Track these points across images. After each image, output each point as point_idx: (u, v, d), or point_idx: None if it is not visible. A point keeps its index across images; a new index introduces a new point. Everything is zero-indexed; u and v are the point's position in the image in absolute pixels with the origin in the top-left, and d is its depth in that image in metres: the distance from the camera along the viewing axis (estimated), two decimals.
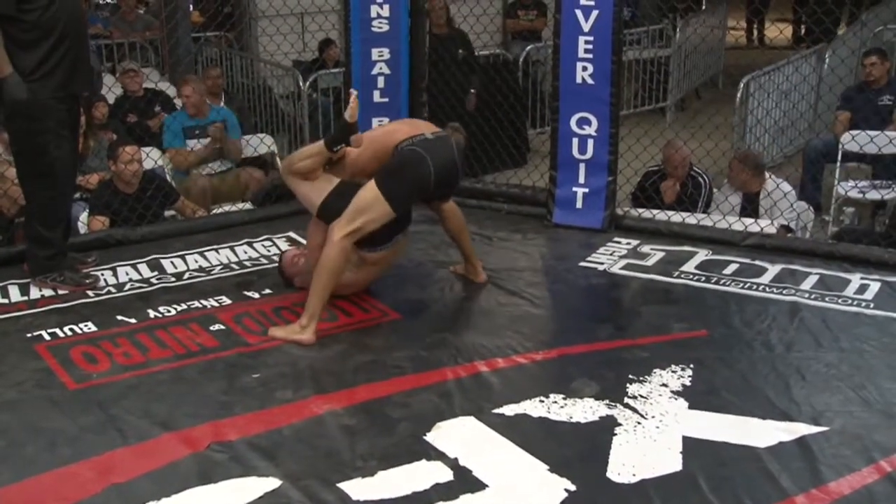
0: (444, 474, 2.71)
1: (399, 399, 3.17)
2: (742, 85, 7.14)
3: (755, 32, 13.24)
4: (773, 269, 4.31)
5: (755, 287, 4.12)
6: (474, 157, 6.28)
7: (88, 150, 6.15)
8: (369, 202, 3.64)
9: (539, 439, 2.90)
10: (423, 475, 2.70)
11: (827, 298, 3.97)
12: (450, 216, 4.14)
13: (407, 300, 4.04)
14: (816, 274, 4.24)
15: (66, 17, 3.97)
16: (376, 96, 5.32)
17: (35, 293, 4.12)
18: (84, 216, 5.42)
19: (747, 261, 4.42)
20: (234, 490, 2.65)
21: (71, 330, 3.74)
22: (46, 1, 3.90)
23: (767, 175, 5.49)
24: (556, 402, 3.12)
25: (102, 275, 4.32)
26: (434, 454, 2.81)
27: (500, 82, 7.45)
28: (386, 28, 5.24)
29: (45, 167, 4.04)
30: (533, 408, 3.08)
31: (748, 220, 4.91)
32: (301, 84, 7.91)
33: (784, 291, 4.06)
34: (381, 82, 5.32)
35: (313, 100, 7.89)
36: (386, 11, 5.22)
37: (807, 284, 4.13)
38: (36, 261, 4.20)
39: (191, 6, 9.66)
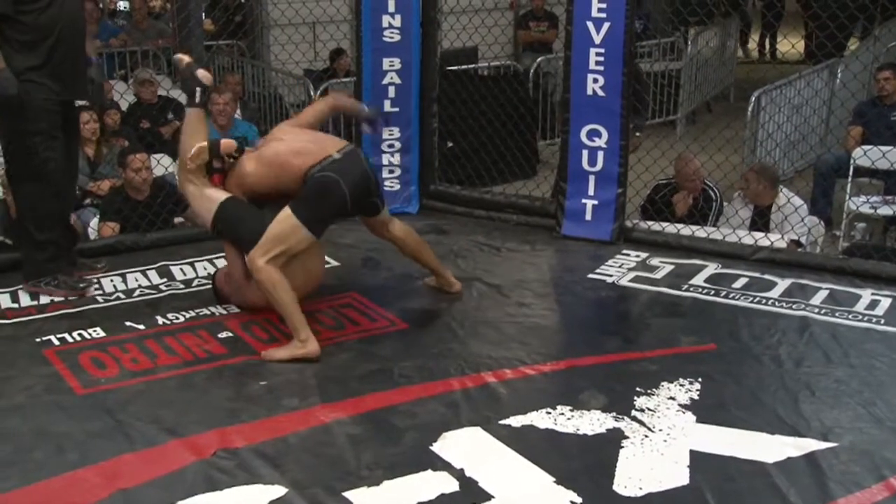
0: (450, 485, 2.70)
1: (406, 409, 3.17)
2: (753, 99, 7.13)
3: (767, 46, 13.25)
4: (782, 284, 4.29)
5: (764, 301, 4.11)
6: (484, 167, 6.30)
7: (101, 157, 6.18)
8: (287, 231, 3.59)
9: (545, 451, 2.89)
10: (428, 485, 2.70)
11: (837, 314, 3.95)
12: (402, 239, 4.07)
13: (414, 310, 4.04)
14: (827, 289, 4.22)
15: (64, 20, 3.95)
16: (387, 106, 5.33)
17: (45, 298, 4.13)
18: (95, 222, 5.44)
19: (757, 275, 4.41)
20: (239, 497, 2.65)
21: (80, 335, 3.75)
22: (45, 3, 3.88)
23: (779, 189, 5.47)
24: (563, 413, 3.11)
25: (112, 280, 4.33)
26: (440, 464, 2.80)
27: (511, 93, 7.46)
28: (397, 38, 5.25)
29: (35, 169, 3.99)
30: (540, 419, 3.07)
31: (758, 234, 4.90)
32: (312, 93, 7.94)
33: (794, 306, 4.04)
34: (391, 92, 5.33)
35: None
36: (398, 22, 5.24)
37: (817, 299, 4.11)
38: (28, 264, 4.17)
39: (203, 15, 9.71)
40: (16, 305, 4.07)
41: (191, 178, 3.85)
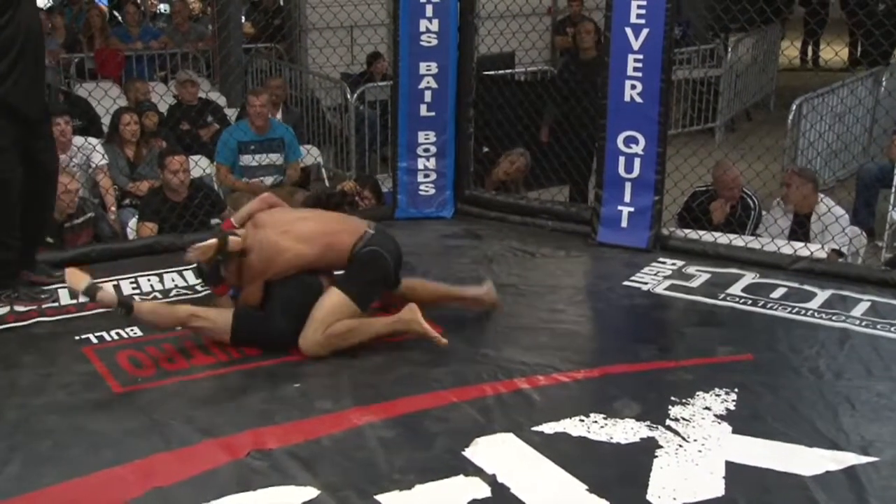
0: (482, 490, 2.69)
1: (438, 413, 3.16)
2: (794, 107, 7.05)
3: (810, 53, 13.09)
4: (822, 295, 4.23)
5: (803, 312, 4.05)
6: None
7: (141, 158, 6.26)
8: (339, 306, 3.57)
9: (578, 459, 2.87)
10: (460, 491, 2.69)
11: (879, 326, 3.89)
12: (416, 290, 3.95)
13: (448, 314, 4.02)
14: (868, 301, 4.15)
15: (23, 37, 3.84)
16: (423, 110, 5.34)
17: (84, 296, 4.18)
18: (133, 222, 5.51)
19: (796, 285, 4.35)
20: (272, 498, 2.66)
21: (118, 334, 3.79)
22: (3, 21, 3.78)
23: (820, 198, 5.40)
24: (596, 421, 3.09)
25: (149, 280, 4.36)
26: (472, 470, 2.79)
27: (548, 98, 7.42)
28: (435, 43, 5.26)
29: None
30: (573, 427, 3.05)
31: (797, 244, 4.83)
32: (349, 96, 7.98)
33: (834, 317, 3.98)
34: (428, 96, 5.34)
35: (360, 112, 7.95)
36: (435, 26, 5.24)
37: (858, 311, 4.04)
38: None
39: (243, 18, 9.81)
40: (56, 304, 4.12)
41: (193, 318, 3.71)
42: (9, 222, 4.03)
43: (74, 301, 4.13)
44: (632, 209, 4.89)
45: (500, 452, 2.90)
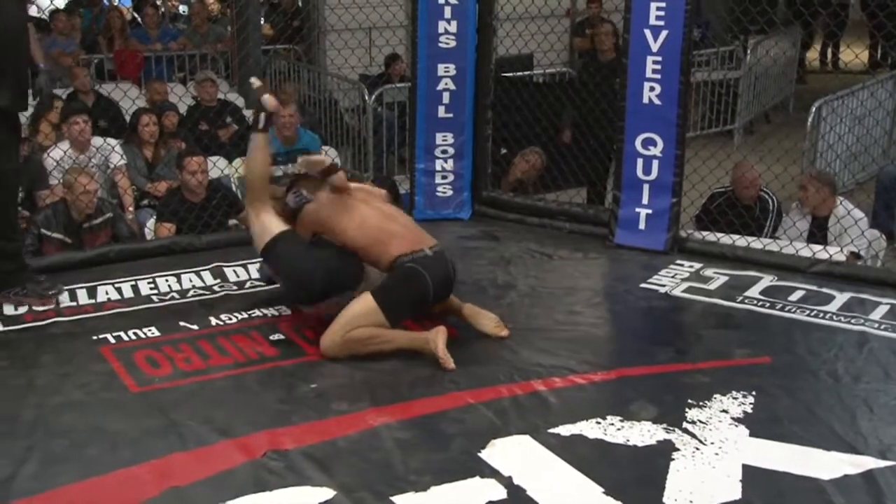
0: (498, 492, 2.68)
1: (454, 415, 3.16)
2: (814, 109, 7.00)
3: (829, 56, 13.00)
4: (841, 298, 4.20)
5: (822, 315, 4.03)
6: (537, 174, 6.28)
7: (159, 159, 6.29)
8: (366, 312, 3.55)
9: (595, 461, 2.86)
10: (476, 492, 2.69)
11: None
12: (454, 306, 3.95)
13: None
14: (887, 304, 4.12)
15: (1, 32, 3.78)
16: (441, 112, 5.34)
17: (102, 296, 4.22)
18: (151, 223, 5.54)
19: (814, 288, 4.32)
20: (288, 499, 2.67)
21: (135, 334, 3.81)
22: None
23: (838, 201, 5.37)
24: (612, 424, 3.08)
25: (167, 280, 4.39)
26: (488, 471, 2.79)
27: (566, 100, 7.41)
28: (453, 44, 5.27)
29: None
30: (589, 429, 3.04)
31: (816, 247, 4.80)
32: (367, 98, 7.99)
33: (852, 321, 3.95)
34: (446, 98, 5.34)
35: (378, 114, 7.97)
36: (453, 28, 5.25)
37: (877, 314, 4.01)
38: None
39: (262, 19, 9.84)
40: (74, 303, 4.15)
41: (254, 202, 3.88)
42: (9, 216, 4.04)
43: (92, 301, 4.17)
44: (649, 211, 4.87)
45: (516, 454, 2.89)
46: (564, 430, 3.03)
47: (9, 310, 4.05)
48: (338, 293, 3.74)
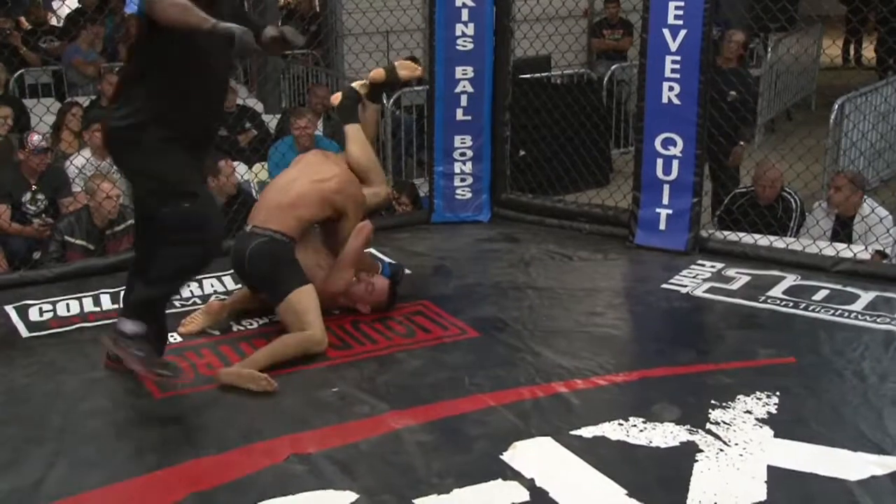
0: (521, 494, 2.68)
1: (476, 417, 3.16)
2: (836, 106, 6.94)
3: (852, 52, 12.90)
4: (866, 297, 4.16)
5: (847, 314, 3.99)
6: (556, 176, 6.26)
7: None
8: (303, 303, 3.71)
9: (617, 463, 2.85)
10: (498, 495, 2.68)
11: None
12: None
13: (486, 318, 4.03)
14: None
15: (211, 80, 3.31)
16: (459, 114, 5.34)
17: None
18: None
19: (839, 287, 4.28)
20: (311, 502, 2.68)
21: None
22: None
23: (863, 199, 5.31)
24: (635, 425, 3.06)
25: (188, 286, 4.40)
26: (510, 474, 2.79)
27: (584, 102, 7.41)
28: (470, 47, 5.26)
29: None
30: (612, 430, 3.03)
31: (840, 245, 4.76)
32: (384, 101, 7.99)
33: (878, 320, 3.91)
34: (464, 100, 5.34)
35: (396, 117, 7.97)
36: (471, 30, 5.25)
37: None
38: (143, 342, 3.21)
39: (279, 24, 9.87)
40: (98, 309, 4.19)
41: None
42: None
43: (116, 306, 4.19)
44: (670, 211, 4.85)
45: (538, 456, 2.89)
46: (587, 431, 3.03)
47: (34, 316, 4.09)
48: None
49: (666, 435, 3.00)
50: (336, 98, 4.12)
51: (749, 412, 3.14)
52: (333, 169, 4.02)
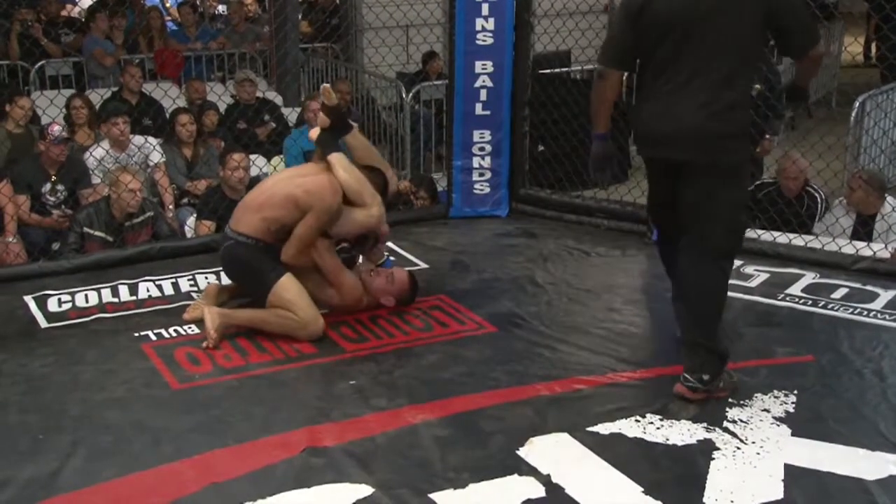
0: (536, 490, 2.68)
1: (493, 412, 3.16)
2: (857, 104, 6.88)
3: (874, 50, 12.78)
4: (885, 295, 4.13)
5: (866, 313, 3.96)
6: (575, 171, 6.24)
7: (198, 157, 6.35)
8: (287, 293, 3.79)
9: (634, 460, 2.85)
10: (514, 490, 2.68)
11: None
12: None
13: (503, 313, 4.03)
14: None
15: None
16: (478, 109, 5.33)
17: (143, 293, 4.27)
18: (191, 221, 5.59)
19: (858, 285, 4.25)
20: (327, 495, 2.68)
21: (175, 331, 3.85)
22: None
23: (885, 198, 5.27)
24: (652, 422, 3.05)
25: (207, 278, 4.43)
26: (526, 469, 2.78)
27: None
28: (490, 41, 5.25)
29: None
30: (628, 427, 3.03)
31: (859, 243, 4.72)
32: (404, 95, 8.00)
33: None
34: (483, 95, 5.33)
35: (415, 111, 7.97)
36: (491, 25, 5.24)
37: None
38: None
39: (300, 17, 9.89)
40: (116, 300, 4.21)
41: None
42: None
43: (133, 298, 4.22)
44: None
45: (554, 452, 2.89)
46: (603, 428, 3.02)
47: (53, 306, 4.12)
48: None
49: (683, 432, 2.99)
50: (314, 133, 4.11)
51: (767, 410, 3.12)
52: (317, 172, 3.94)
